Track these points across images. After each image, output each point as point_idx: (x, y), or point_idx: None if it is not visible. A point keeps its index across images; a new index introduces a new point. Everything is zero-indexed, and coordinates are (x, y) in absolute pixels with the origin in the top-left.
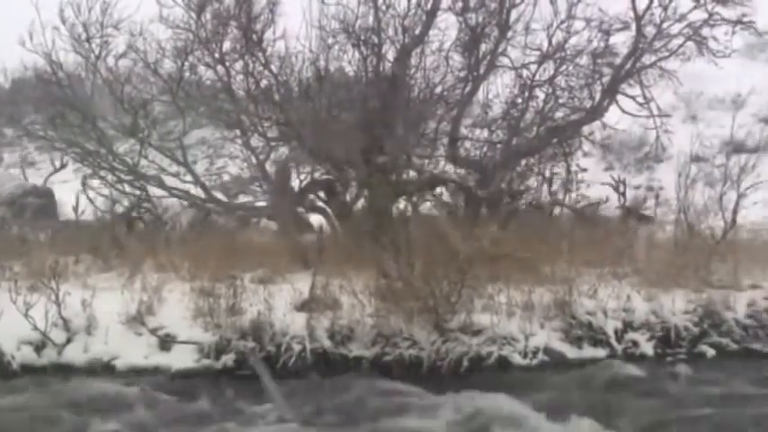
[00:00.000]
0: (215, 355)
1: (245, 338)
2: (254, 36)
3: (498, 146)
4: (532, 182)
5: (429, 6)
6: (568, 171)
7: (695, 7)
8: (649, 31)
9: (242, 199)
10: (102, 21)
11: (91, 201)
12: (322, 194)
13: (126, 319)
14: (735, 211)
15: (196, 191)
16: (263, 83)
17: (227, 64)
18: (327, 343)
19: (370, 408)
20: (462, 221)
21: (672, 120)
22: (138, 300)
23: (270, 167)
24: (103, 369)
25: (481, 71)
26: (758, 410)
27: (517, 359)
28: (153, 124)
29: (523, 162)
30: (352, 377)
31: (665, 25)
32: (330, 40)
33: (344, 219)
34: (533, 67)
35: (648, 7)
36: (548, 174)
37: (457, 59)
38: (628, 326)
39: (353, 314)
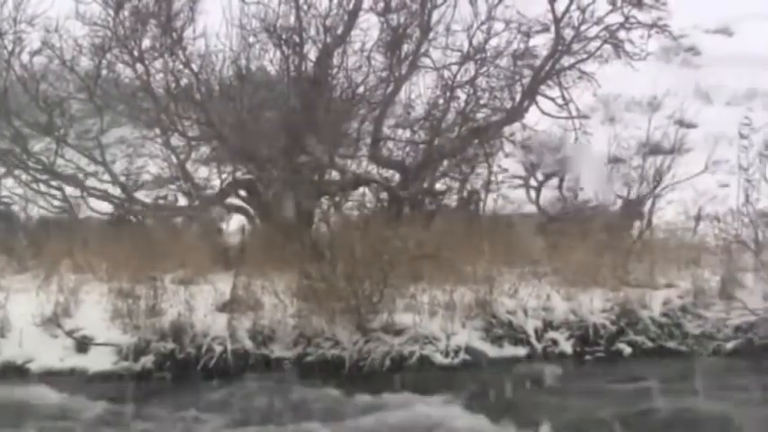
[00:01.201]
0: (134, 356)
1: (165, 340)
2: (174, 34)
3: (420, 146)
4: (454, 182)
5: (351, 6)
6: (490, 171)
7: (612, 10)
8: (568, 33)
9: (162, 199)
10: (16, 16)
11: (4, 201)
12: (243, 194)
13: (41, 321)
14: (650, 212)
15: (114, 190)
16: (184, 81)
17: (147, 62)
18: (249, 344)
19: (292, 408)
20: (385, 221)
21: (590, 121)
22: (54, 301)
23: (191, 167)
24: (17, 372)
25: (403, 72)
26: (670, 406)
27: (439, 358)
28: (70, 122)
29: (445, 162)
30: (273, 378)
31: (582, 28)
32: (251, 39)
33: (266, 219)
34: (454, 68)
35: (567, 10)
36: (470, 174)
37: (379, 60)
38: (547, 325)
39: (275, 315)
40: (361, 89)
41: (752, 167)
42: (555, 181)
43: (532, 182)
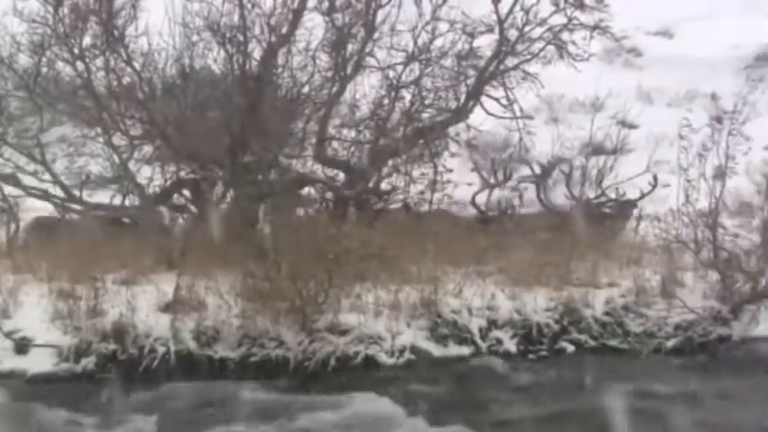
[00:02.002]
0: (75, 358)
1: (107, 341)
2: (116, 32)
3: (365, 146)
4: (399, 182)
5: (295, 5)
6: (435, 171)
7: (555, 12)
8: (512, 34)
9: (104, 198)
10: None
11: None
12: (187, 194)
13: None
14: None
15: (55, 190)
16: (126, 80)
17: (87, 60)
18: (192, 344)
19: (235, 409)
20: (330, 221)
21: (534, 121)
22: None
23: (133, 166)
24: None
25: (348, 71)
26: (611, 403)
27: (384, 358)
28: (8, 121)
29: (390, 162)
30: (217, 379)
31: (526, 29)
32: (194, 38)
33: (210, 218)
34: (399, 68)
35: (510, 11)
36: (415, 174)
37: (324, 59)
38: (492, 324)
39: (219, 315)
40: (306, 89)
41: (691, 168)
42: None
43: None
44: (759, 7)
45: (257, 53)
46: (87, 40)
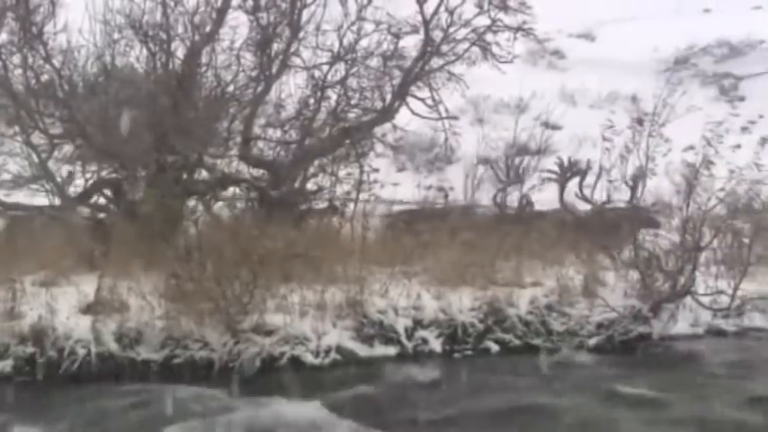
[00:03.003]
0: None
1: (25, 344)
2: (34, 28)
3: (291, 146)
4: (325, 182)
5: (219, 4)
6: (361, 171)
7: (479, 13)
8: (437, 35)
9: (22, 198)
10: None
11: None
12: (109, 194)
13: None
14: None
15: None
16: (45, 77)
17: (4, 57)
18: (114, 346)
19: (158, 412)
20: (255, 221)
21: (460, 122)
22: None
23: (53, 166)
24: None
25: (273, 71)
26: (535, 401)
27: (310, 359)
28: None
29: (316, 162)
30: (140, 381)
31: (451, 30)
32: (116, 35)
33: (133, 219)
34: (325, 68)
35: (435, 12)
36: (341, 174)
37: (249, 58)
38: (418, 324)
39: (142, 316)
40: (230, 88)
41: (614, 169)
42: (427, 181)
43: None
44: (678, 11)
45: (181, 52)
46: (4, 37)
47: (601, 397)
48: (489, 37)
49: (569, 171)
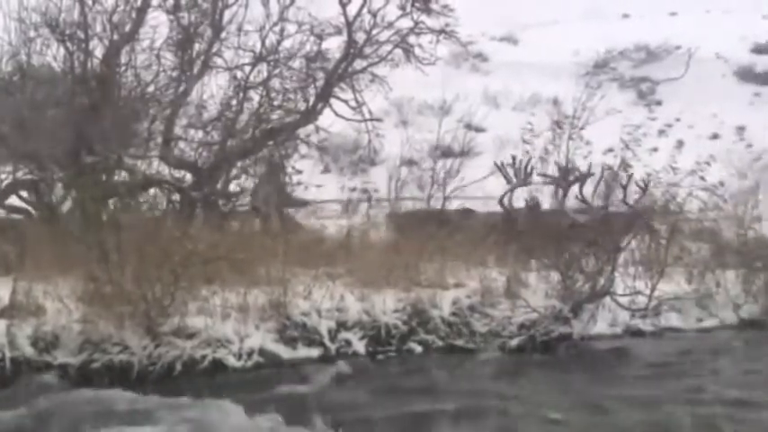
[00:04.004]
0: None
1: None
2: None
3: (213, 147)
4: (249, 184)
5: (138, 3)
6: (284, 173)
7: (402, 15)
8: (360, 37)
9: None
10: None
11: None
12: (25, 195)
13: None
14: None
15: None
16: None
17: None
18: (30, 350)
19: (72, 416)
20: (177, 223)
21: (384, 124)
22: None
23: None
24: None
25: (195, 71)
26: (455, 402)
27: (232, 361)
28: None
29: (239, 164)
30: (54, 385)
31: (374, 32)
32: (32, 34)
33: (50, 221)
34: (248, 69)
35: (358, 14)
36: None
37: (169, 58)
38: (341, 325)
39: (59, 320)
40: (151, 88)
41: (535, 171)
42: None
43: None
44: (597, 16)
45: (99, 51)
46: None
47: (520, 397)
48: (412, 39)
49: (572, 175)
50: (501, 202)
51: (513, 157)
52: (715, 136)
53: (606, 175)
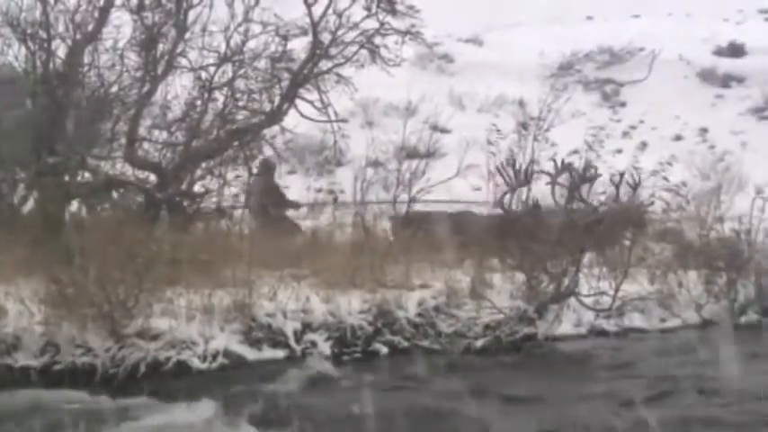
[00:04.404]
0: None
1: None
2: None
3: (178, 148)
4: (213, 185)
5: (101, 3)
6: (250, 174)
7: (367, 16)
8: (325, 37)
9: None
10: None
11: None
12: None
13: None
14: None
15: None
16: None
17: None
18: None
19: (33, 419)
20: (141, 224)
21: (350, 125)
22: None
23: None
24: None
25: (159, 71)
26: (418, 403)
27: (196, 363)
28: None
29: (204, 164)
30: (18, 388)
31: (339, 32)
32: None
33: (11, 222)
34: (212, 69)
35: (324, 15)
36: (229, 176)
37: (133, 59)
38: (307, 326)
39: (20, 322)
40: (114, 88)
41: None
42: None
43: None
44: (562, 18)
45: (62, 51)
46: None
47: (484, 398)
48: (378, 40)
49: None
50: (501, 203)
51: (514, 159)
52: (678, 137)
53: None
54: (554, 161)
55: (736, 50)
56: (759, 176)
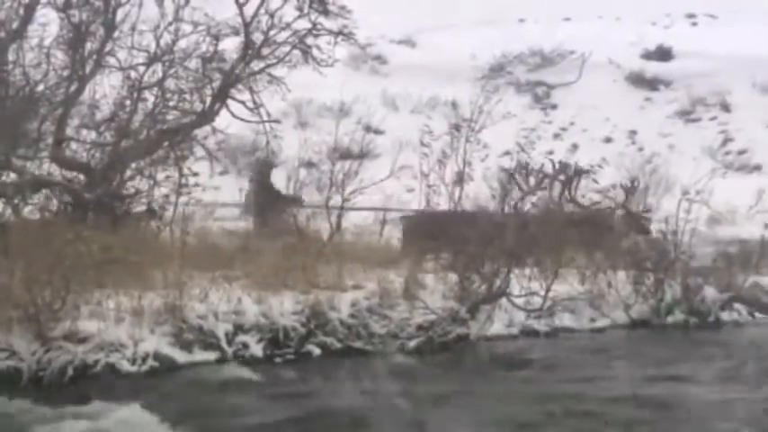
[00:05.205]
0: None
1: None
2: None
3: (107, 148)
4: (143, 185)
5: (27, 0)
6: (180, 175)
7: (300, 17)
8: (257, 38)
9: None
10: None
11: None
12: None
13: None
14: (339, 215)
15: None
16: None
17: None
18: None
19: None
20: (69, 225)
21: (283, 126)
22: None
23: None
24: None
25: (87, 70)
26: (350, 404)
27: (126, 366)
28: None
29: (134, 165)
30: None
31: (271, 33)
32: None
33: None
34: (142, 69)
35: (255, 14)
36: (159, 177)
37: (60, 57)
38: (239, 328)
39: None
40: (40, 87)
41: (432, 173)
42: None
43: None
44: (494, 20)
45: None
46: None
47: (413, 398)
48: (310, 40)
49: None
50: (515, 207)
51: (526, 164)
52: (608, 139)
53: (501, 177)
54: (552, 161)
55: (663, 54)
56: (686, 178)
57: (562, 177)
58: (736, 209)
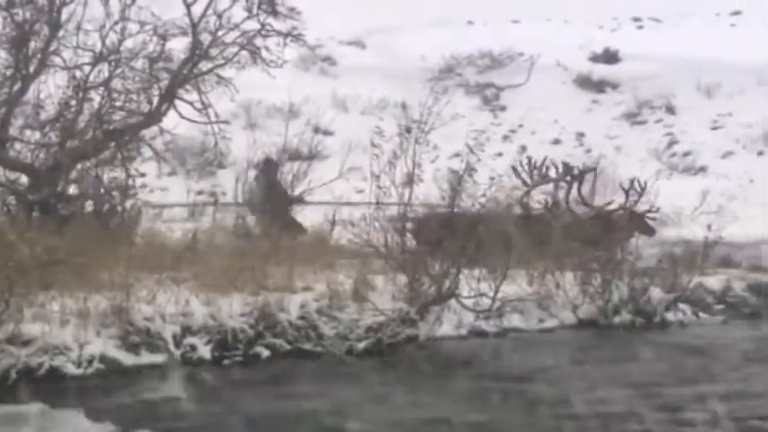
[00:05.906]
0: None
1: None
2: None
3: (52, 148)
4: (89, 186)
5: None
6: (127, 176)
7: (248, 17)
8: (205, 38)
9: None
10: None
11: None
12: None
13: None
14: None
15: None
16: None
17: None
18: None
19: None
20: (12, 227)
21: (232, 126)
22: None
23: None
24: None
25: (31, 70)
26: (296, 407)
27: (71, 369)
28: None
29: (79, 166)
30: None
31: (220, 33)
32: None
33: None
34: (87, 69)
35: (203, 15)
36: (105, 178)
37: (3, 56)
38: (186, 330)
39: None
40: None
41: (383, 174)
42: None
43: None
44: (443, 22)
45: None
46: None
47: (359, 400)
48: (259, 41)
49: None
50: (521, 203)
51: (529, 158)
52: (556, 141)
53: (451, 177)
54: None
55: (610, 57)
56: None
57: (568, 178)
58: (681, 210)
